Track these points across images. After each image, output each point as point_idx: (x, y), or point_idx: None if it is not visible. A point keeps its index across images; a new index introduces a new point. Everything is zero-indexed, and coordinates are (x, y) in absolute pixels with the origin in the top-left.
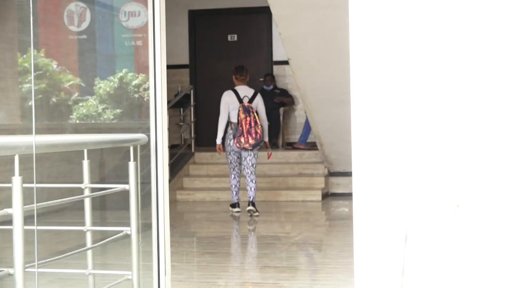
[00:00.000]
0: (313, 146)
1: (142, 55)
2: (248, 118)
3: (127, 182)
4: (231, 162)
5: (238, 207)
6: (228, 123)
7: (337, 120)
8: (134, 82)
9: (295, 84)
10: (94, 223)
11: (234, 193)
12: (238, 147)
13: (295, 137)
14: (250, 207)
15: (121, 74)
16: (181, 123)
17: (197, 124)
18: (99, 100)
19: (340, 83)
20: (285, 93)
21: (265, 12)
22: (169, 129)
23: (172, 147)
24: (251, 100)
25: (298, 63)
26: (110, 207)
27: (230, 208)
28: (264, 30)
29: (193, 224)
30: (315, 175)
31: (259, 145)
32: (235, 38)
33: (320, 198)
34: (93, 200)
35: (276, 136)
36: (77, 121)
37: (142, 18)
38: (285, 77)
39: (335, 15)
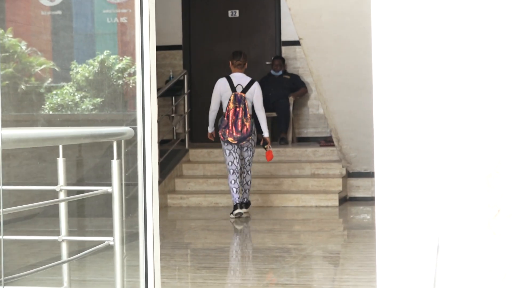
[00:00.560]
0: (328, 142)
1: (127, 35)
2: (237, 109)
3: (109, 184)
4: (230, 154)
5: (240, 208)
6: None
7: (357, 110)
8: (117, 66)
9: (307, 69)
10: (70, 232)
11: (235, 190)
12: (222, 139)
13: (308, 131)
14: (243, 210)
15: (102, 56)
16: (173, 115)
17: (191, 115)
18: (77, 87)
19: (361, 66)
20: (296, 79)
21: None
22: (158, 122)
23: (162, 143)
24: (245, 90)
25: (311, 44)
26: (89, 213)
27: (231, 215)
28: (271, 4)
29: (187, 234)
30: (331, 176)
31: (245, 140)
32: (237, 14)
33: (337, 203)
34: (70, 204)
35: (286, 130)
36: (51, 112)
37: None
38: (296, 60)
39: None
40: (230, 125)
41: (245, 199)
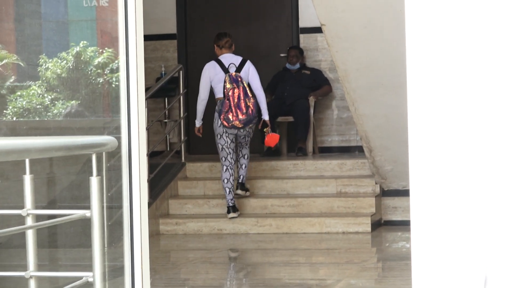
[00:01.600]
0: (357, 152)
1: (108, 21)
2: (236, 90)
3: (88, 207)
4: (222, 149)
5: (234, 211)
6: (215, 101)
7: (393, 113)
8: (96, 61)
9: (331, 62)
10: (40, 267)
11: (228, 191)
12: (226, 125)
13: (333, 139)
14: (239, 191)
15: (77, 49)
16: (166, 120)
17: (188, 121)
18: (46, 87)
19: (397, 59)
20: (318, 75)
21: None
22: (148, 129)
23: (152, 155)
24: (239, 69)
25: (336, 31)
26: (63, 243)
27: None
28: None
29: (184, 268)
30: (361, 195)
31: (252, 123)
32: None
33: (369, 228)
34: (39, 232)
35: (305, 138)
36: (14, 118)
37: None
38: (317, 52)
39: None
40: (233, 108)
41: (242, 177)
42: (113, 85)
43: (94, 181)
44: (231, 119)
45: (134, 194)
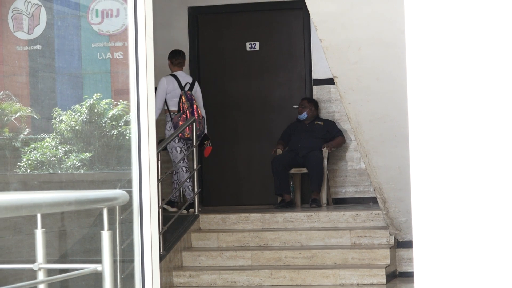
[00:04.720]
0: (371, 203)
1: (121, 74)
2: (190, 109)
3: (99, 261)
4: (181, 151)
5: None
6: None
7: (407, 165)
8: (110, 113)
9: (344, 113)
10: None
11: (191, 188)
12: (180, 136)
13: (347, 190)
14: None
15: (91, 101)
16: None
17: (202, 173)
18: (60, 139)
19: None
20: (331, 126)
21: (300, 9)
22: (161, 181)
23: (165, 208)
24: (191, 88)
25: (348, 83)
26: None
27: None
28: (299, 34)
29: None
30: (376, 247)
31: (201, 137)
32: (257, 47)
33: (383, 280)
34: (51, 287)
35: (319, 189)
36: (28, 171)
37: (122, 19)
38: (331, 103)
39: (399, 12)
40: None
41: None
42: (127, 137)
43: (105, 235)
44: (187, 131)
45: (145, 248)
